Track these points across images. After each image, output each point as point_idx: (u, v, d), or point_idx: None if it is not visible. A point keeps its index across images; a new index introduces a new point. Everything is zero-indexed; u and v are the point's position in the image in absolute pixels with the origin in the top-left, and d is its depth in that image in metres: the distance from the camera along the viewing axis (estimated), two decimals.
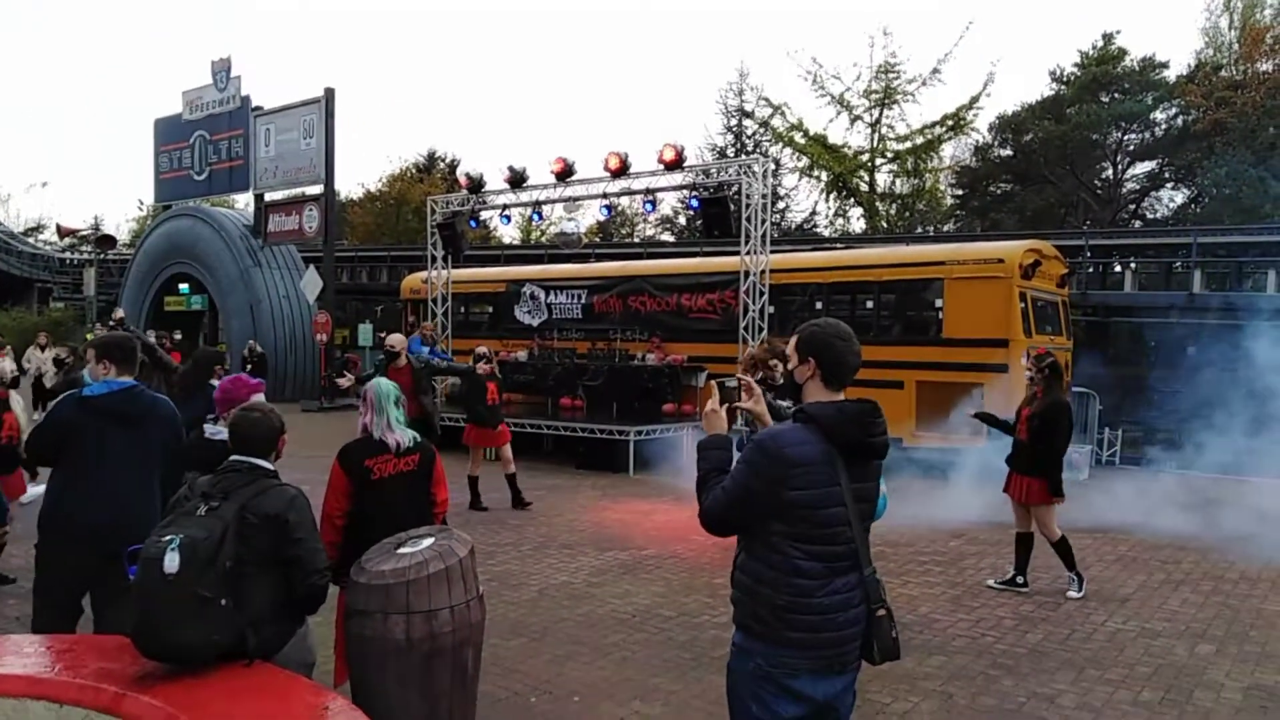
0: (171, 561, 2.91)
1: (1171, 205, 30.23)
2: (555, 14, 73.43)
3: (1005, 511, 9.11)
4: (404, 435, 3.92)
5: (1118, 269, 17.75)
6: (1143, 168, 30.39)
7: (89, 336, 19.52)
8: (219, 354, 6.33)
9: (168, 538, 2.96)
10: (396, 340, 8.21)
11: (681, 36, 69.61)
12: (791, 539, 2.51)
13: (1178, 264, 17.57)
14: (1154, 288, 17.26)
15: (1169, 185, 30.10)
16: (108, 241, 32.53)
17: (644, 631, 5.67)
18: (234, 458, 3.28)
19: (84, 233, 38.13)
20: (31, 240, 43.77)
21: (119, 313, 7.83)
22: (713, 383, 3.10)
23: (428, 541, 3.65)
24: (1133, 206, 31.13)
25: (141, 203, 45.08)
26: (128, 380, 4.05)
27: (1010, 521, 7.21)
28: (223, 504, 3.08)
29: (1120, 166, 30.41)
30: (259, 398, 4.08)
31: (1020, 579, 6.59)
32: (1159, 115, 28.97)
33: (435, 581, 3.52)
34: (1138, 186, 30.95)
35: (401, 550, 3.61)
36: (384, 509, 3.81)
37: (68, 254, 40.20)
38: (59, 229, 39.35)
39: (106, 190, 77.11)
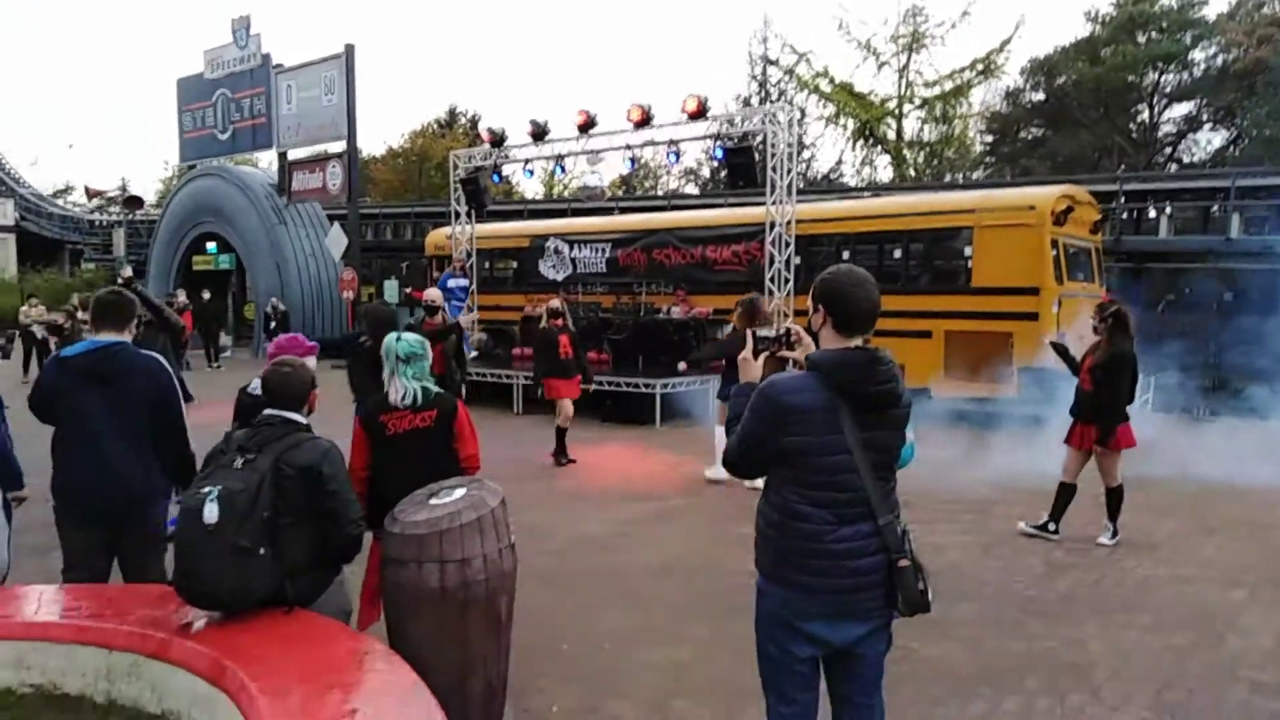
0: (211, 512, 2.98)
1: (1209, 148, 29.45)
2: None
3: (1036, 461, 9.10)
4: (410, 390, 3.85)
5: (1153, 214, 17.37)
6: (1180, 110, 29.62)
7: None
8: (392, 312, 6.31)
9: (206, 489, 3.03)
10: (434, 295, 8.27)
11: None
12: (794, 484, 2.56)
13: (1215, 208, 17.15)
14: (1190, 232, 16.88)
15: (1207, 127, 29.28)
16: (135, 202, 32.76)
17: (672, 579, 5.73)
18: (268, 411, 3.33)
19: (111, 194, 38.42)
20: (60, 202, 44.23)
21: (126, 271, 7.98)
22: (749, 330, 3.08)
23: (460, 492, 3.69)
24: (1169, 150, 30.34)
25: (167, 163, 45.34)
26: (109, 338, 3.94)
27: (1044, 472, 7.19)
28: (258, 456, 3.14)
29: (1157, 109, 29.61)
30: (312, 360, 4.10)
31: (1053, 526, 6.58)
32: (1198, 55, 28.09)
33: (468, 531, 3.56)
34: (1175, 129, 30.14)
35: (434, 501, 3.65)
36: (399, 464, 3.80)
37: (97, 215, 40.59)
38: (87, 190, 39.71)
39: (134, 151, 77.60)
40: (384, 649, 3.03)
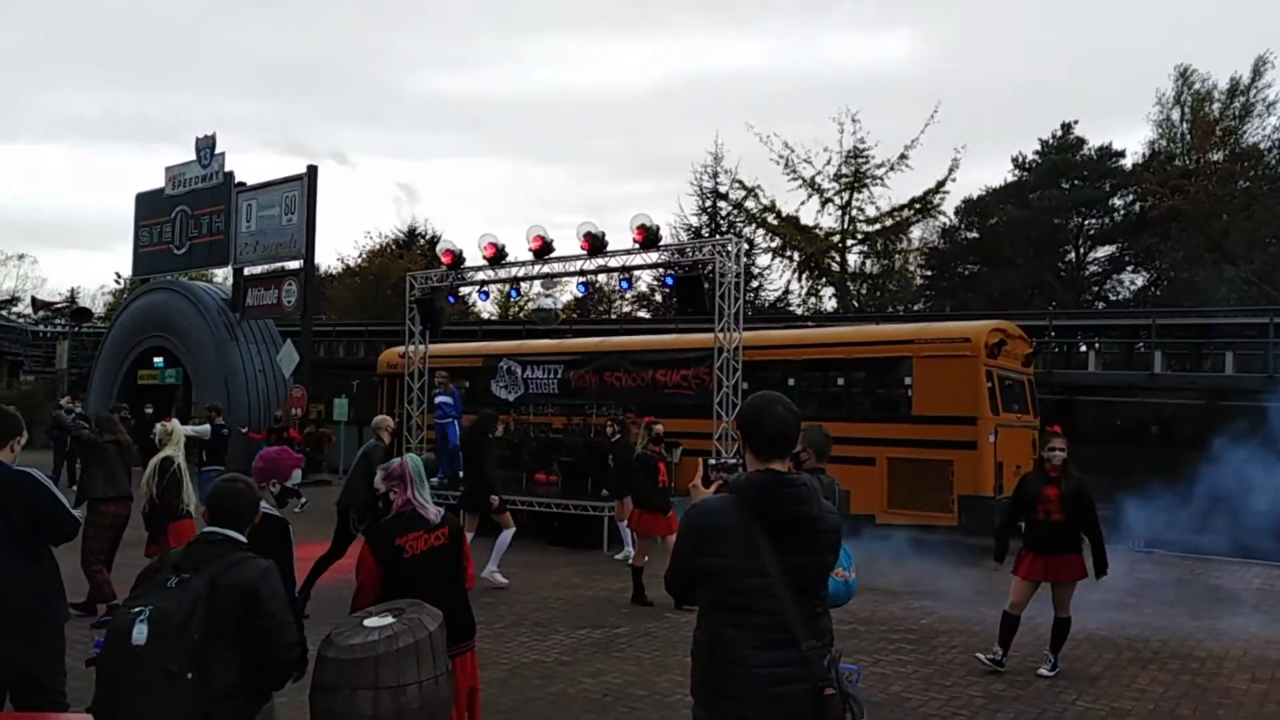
0: (140, 633, 2.91)
1: (1133, 287, 31.12)
2: (538, 92, 75.39)
3: (978, 589, 9.19)
4: (436, 510, 3.92)
5: (1082, 349, 18.19)
6: (1104, 251, 31.37)
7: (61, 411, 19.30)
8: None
9: (136, 609, 2.96)
10: (383, 421, 8.46)
11: (658, 119, 71.64)
12: (716, 607, 2.61)
13: (1139, 344, 18.06)
14: (1117, 367, 17.67)
15: (1129, 268, 31.04)
16: (83, 315, 32.39)
17: (615, 711, 5.62)
18: (207, 529, 3.30)
19: (59, 305, 37.93)
20: (4, 313, 43.43)
21: (65, 401, 8.39)
22: (700, 460, 3.21)
23: (397, 615, 3.65)
24: (1096, 288, 32.00)
25: (119, 276, 45.00)
26: None
27: (980, 600, 7.26)
28: (194, 575, 3.08)
29: (1082, 250, 31.37)
30: (298, 474, 4.08)
31: (1000, 654, 6.54)
32: (1117, 201, 30.06)
33: (404, 656, 3.49)
34: (1100, 269, 31.88)
35: (369, 623, 3.60)
36: (416, 587, 3.74)
37: (41, 327, 39.88)
38: (34, 302, 39.15)
39: (86, 263, 77.10)
40: None
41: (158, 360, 25.04)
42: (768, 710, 2.51)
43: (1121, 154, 30.38)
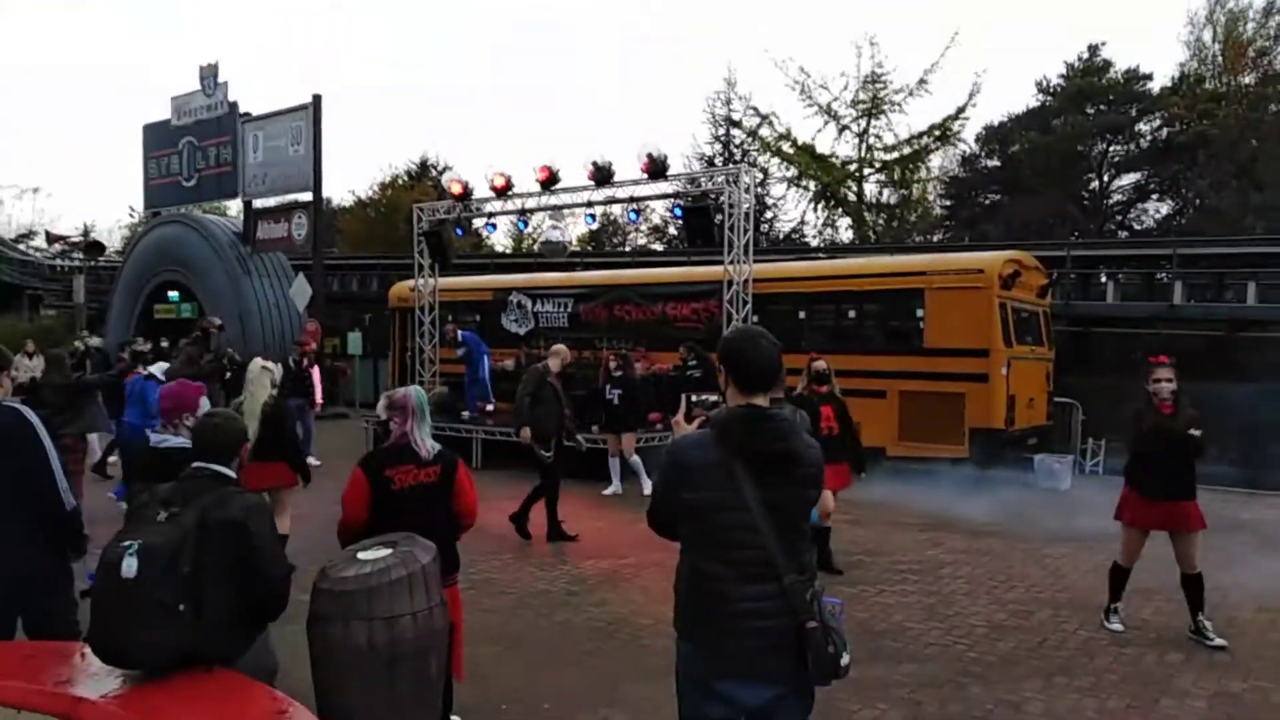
0: (129, 567, 2.91)
1: (1157, 216, 30.47)
2: (548, 22, 73.67)
3: (986, 520, 9.22)
4: (431, 446, 3.93)
5: (1102, 279, 17.87)
6: (1129, 179, 30.65)
7: (79, 343, 19.48)
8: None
9: (126, 543, 2.96)
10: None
11: (672, 46, 69.96)
12: (695, 542, 2.61)
13: (1160, 275, 17.71)
14: (1136, 299, 17.38)
15: (1154, 197, 30.35)
16: (96, 248, 32.45)
17: (618, 639, 5.69)
18: (195, 464, 3.29)
19: (74, 239, 38.02)
20: (22, 247, 43.63)
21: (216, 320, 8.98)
22: (683, 395, 3.15)
23: (390, 548, 3.66)
24: (1119, 217, 31.37)
25: (132, 209, 44.98)
26: None
27: (987, 531, 7.25)
28: (183, 510, 3.08)
29: (1106, 178, 30.66)
30: (205, 402, 4.08)
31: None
32: (1143, 127, 29.23)
33: (397, 588, 3.52)
34: (1124, 198, 31.20)
35: (363, 555, 3.62)
36: (400, 520, 3.78)
37: (58, 261, 40.06)
38: (48, 235, 39.25)
39: (100, 196, 76.92)
40: (303, 710, 2.96)
41: (173, 294, 25.13)
42: (749, 643, 2.53)
43: (1149, 77, 29.43)
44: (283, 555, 3.27)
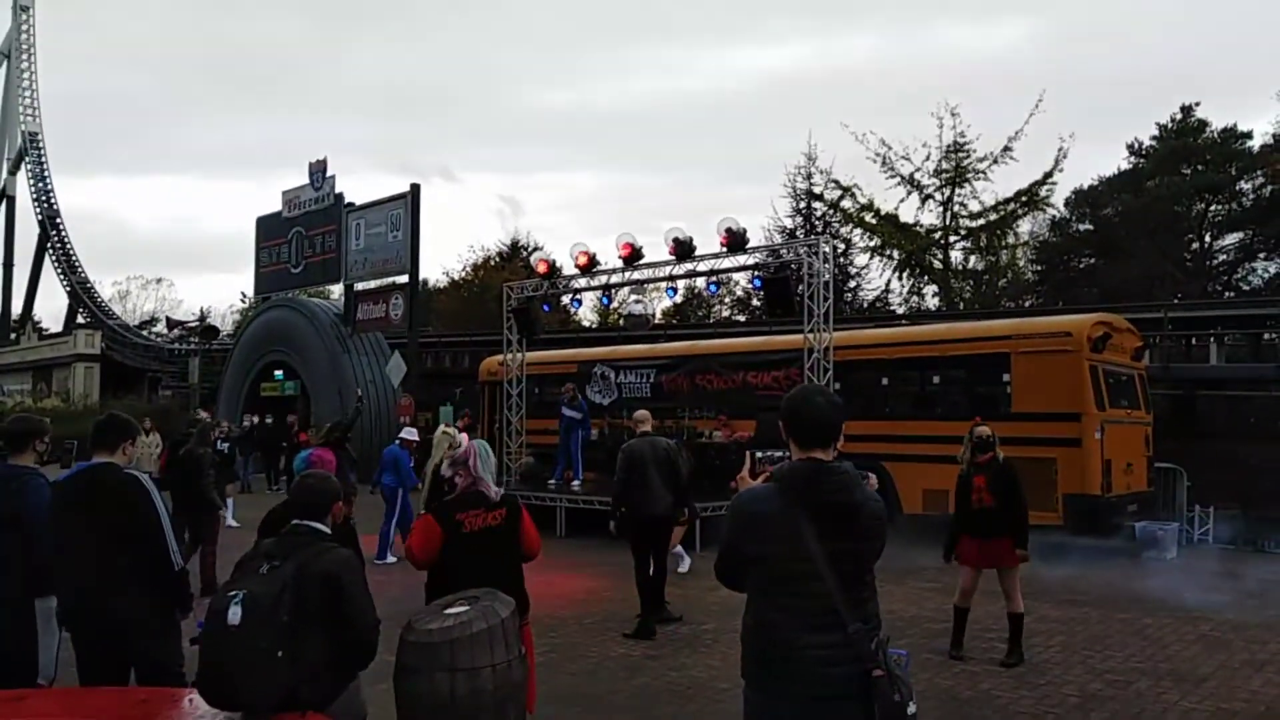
0: (235, 615, 3.17)
1: (1265, 275, 29.12)
2: (638, 102, 76.19)
3: (1075, 589, 8.88)
4: (496, 491, 4.20)
5: (1206, 341, 17.15)
6: (1232, 239, 29.50)
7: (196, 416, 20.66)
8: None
9: (232, 592, 3.24)
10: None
11: (757, 124, 71.23)
12: (762, 591, 2.70)
13: (1268, 335, 16.92)
14: (1242, 360, 16.60)
15: (1260, 256, 29.08)
16: (211, 332, 34.58)
17: (696, 702, 5.70)
18: (295, 521, 3.58)
19: (191, 324, 40.60)
20: (145, 332, 46.80)
21: (201, 414, 9.62)
22: (748, 452, 3.29)
23: (471, 603, 3.85)
24: (1225, 278, 30.11)
25: (244, 295, 47.84)
26: (96, 460, 4.16)
27: (1082, 600, 7.00)
28: (283, 563, 3.34)
29: (1208, 238, 29.58)
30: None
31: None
32: (1244, 185, 28.22)
33: (478, 640, 3.69)
34: (1228, 258, 29.99)
35: (448, 610, 3.82)
36: (471, 562, 4.00)
37: (175, 345, 42.77)
38: (169, 321, 42.08)
39: (216, 284, 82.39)
40: None
41: (278, 373, 26.53)
42: (816, 690, 2.57)
43: (1248, 135, 28.53)
44: (372, 607, 3.48)
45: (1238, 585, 9.24)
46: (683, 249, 12.82)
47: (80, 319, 47.92)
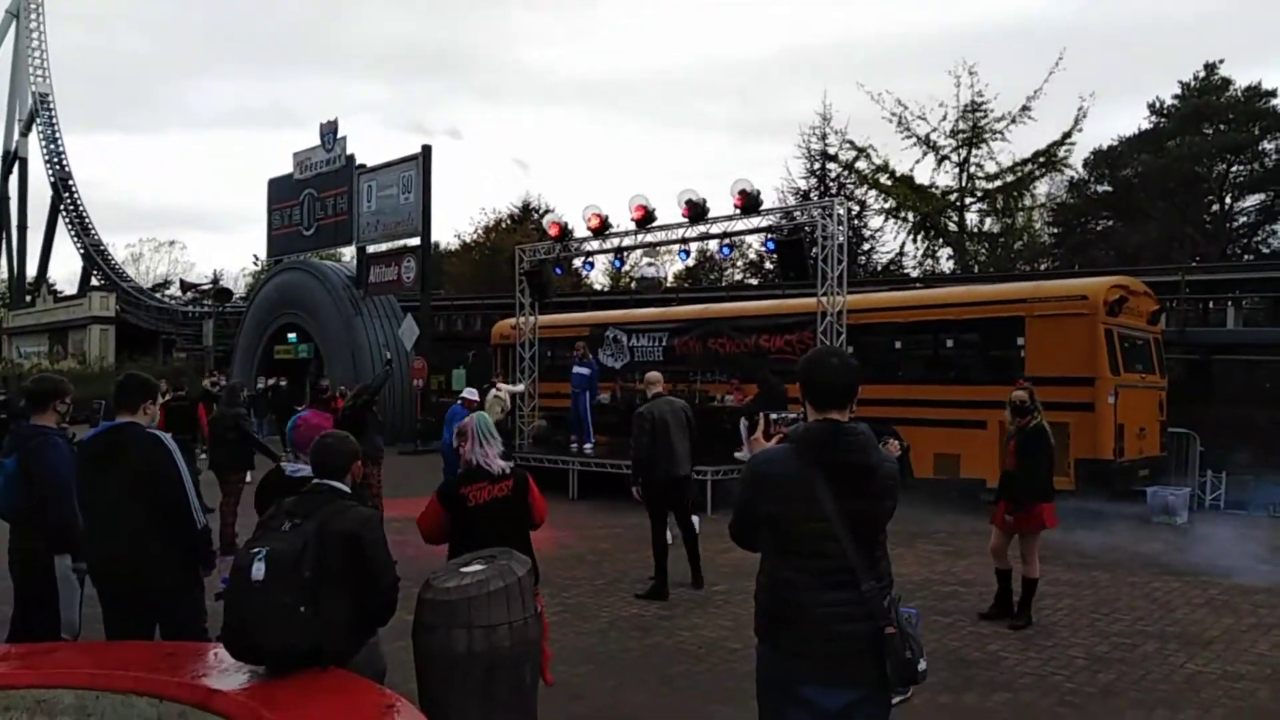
0: (258, 571, 3.25)
1: None
2: (650, 61, 75.30)
3: (1085, 552, 8.93)
4: (499, 463, 4.22)
5: (1225, 305, 17.01)
6: (1253, 200, 29.06)
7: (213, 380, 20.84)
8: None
9: (255, 549, 3.31)
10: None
11: (766, 80, 70.31)
12: (779, 551, 2.74)
13: None
14: (1259, 324, 16.46)
15: None
16: (225, 295, 34.72)
17: (707, 662, 5.79)
18: (315, 480, 3.64)
19: (204, 287, 40.78)
20: (159, 295, 47.06)
21: (212, 377, 9.88)
22: (762, 414, 3.32)
23: (488, 562, 3.92)
24: (1245, 240, 29.72)
25: (256, 257, 47.96)
26: (120, 420, 4.21)
27: (1091, 564, 7.05)
28: (304, 521, 3.41)
29: (1229, 199, 29.15)
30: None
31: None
32: (1268, 146, 27.73)
33: (495, 598, 3.77)
34: (1249, 220, 29.57)
35: (465, 569, 3.89)
36: (479, 532, 4.07)
37: (190, 307, 43.01)
38: (182, 284, 42.29)
39: (229, 247, 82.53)
40: (410, 706, 3.21)
41: (291, 336, 26.67)
42: (829, 648, 2.63)
43: (1273, 94, 27.89)
44: (392, 564, 3.55)
45: (1247, 550, 9.26)
46: (696, 211, 12.75)
47: (95, 281, 48.24)
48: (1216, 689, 5.26)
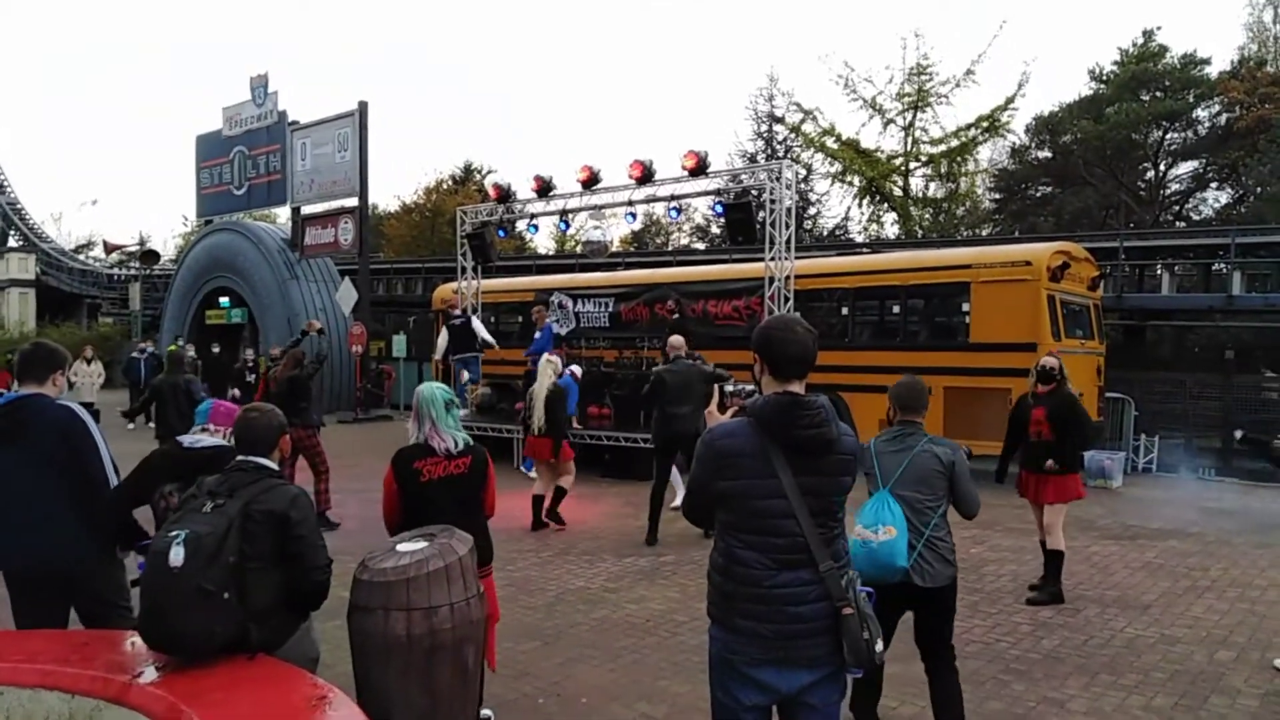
0: (176, 555, 3.01)
1: (1216, 205, 29.58)
2: (588, 25, 74.03)
3: (1025, 518, 9.05)
4: (452, 439, 3.97)
5: (1157, 271, 17.42)
6: (1186, 168, 29.79)
7: (173, 347, 20.04)
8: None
9: (174, 533, 3.06)
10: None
11: (712, 43, 69.77)
12: (732, 528, 2.62)
13: (1217, 265, 17.20)
14: (1192, 290, 16.90)
15: (1213, 185, 29.45)
16: (152, 257, 33.37)
17: (656, 636, 5.70)
18: (239, 457, 3.40)
19: (130, 249, 39.16)
20: (81, 257, 45.07)
21: (316, 324, 9.79)
22: (717, 386, 3.17)
23: (428, 540, 3.73)
24: (1177, 208, 30.51)
25: (185, 218, 46.25)
26: (20, 392, 3.88)
27: (1033, 529, 7.14)
28: (228, 501, 3.18)
29: (1163, 167, 29.84)
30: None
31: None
32: (1201, 113, 28.38)
33: (435, 579, 3.59)
34: (1181, 187, 30.34)
35: (402, 548, 3.69)
36: (432, 511, 3.86)
37: (115, 270, 41.30)
38: (106, 245, 40.48)
39: (155, 206, 79.34)
40: (343, 697, 3.03)
41: (224, 300, 25.77)
42: (785, 629, 2.54)
43: (1208, 61, 28.46)
44: (323, 545, 3.34)
45: (1179, 514, 9.52)
46: (644, 173, 12.52)
47: (12, 242, 45.96)
48: (1155, 653, 5.34)
